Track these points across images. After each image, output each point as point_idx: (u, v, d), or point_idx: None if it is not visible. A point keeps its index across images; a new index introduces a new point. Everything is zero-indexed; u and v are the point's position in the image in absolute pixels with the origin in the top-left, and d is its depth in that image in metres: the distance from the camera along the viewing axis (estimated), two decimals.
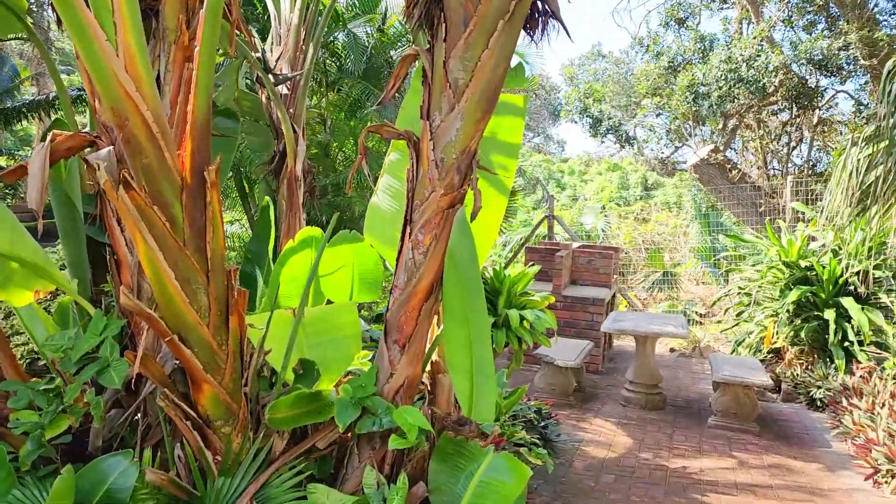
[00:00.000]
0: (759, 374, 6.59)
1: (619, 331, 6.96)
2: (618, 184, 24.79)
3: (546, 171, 26.91)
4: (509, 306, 5.25)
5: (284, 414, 2.61)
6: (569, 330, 8.75)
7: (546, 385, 7.19)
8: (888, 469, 4.92)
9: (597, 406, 7.22)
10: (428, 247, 2.76)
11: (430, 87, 2.82)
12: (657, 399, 7.19)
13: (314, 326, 2.83)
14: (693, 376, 8.68)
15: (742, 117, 10.86)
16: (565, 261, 8.96)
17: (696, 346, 9.93)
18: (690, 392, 7.94)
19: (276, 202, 3.97)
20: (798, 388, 7.57)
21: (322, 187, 8.27)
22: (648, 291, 13.38)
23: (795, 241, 8.14)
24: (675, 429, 6.53)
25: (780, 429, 6.63)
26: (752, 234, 8.78)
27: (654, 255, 13.46)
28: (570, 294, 8.81)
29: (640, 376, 7.20)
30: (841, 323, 7.50)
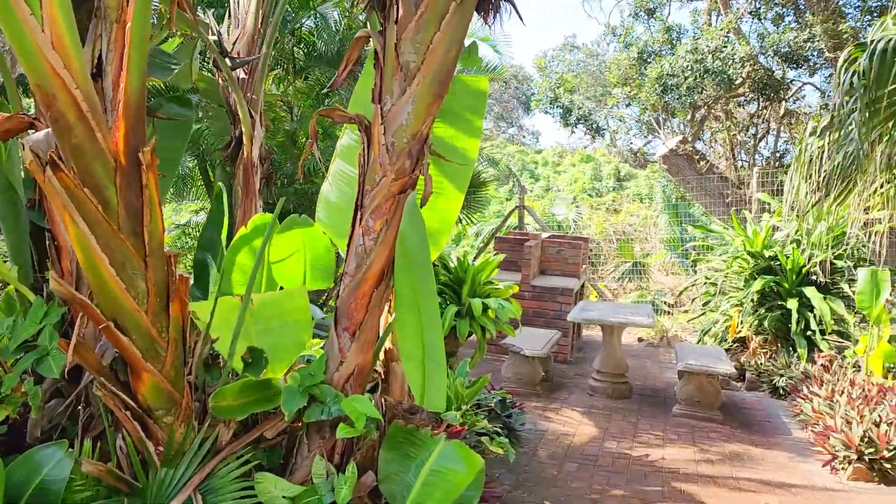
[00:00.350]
0: (722, 363, 6.65)
1: (585, 320, 6.98)
2: (590, 175, 24.87)
3: (520, 162, 26.93)
4: (473, 295, 5.23)
5: (230, 402, 2.55)
6: (537, 320, 8.76)
7: (513, 374, 7.19)
8: (845, 455, 4.99)
9: (564, 395, 7.24)
10: (378, 233, 2.71)
11: (381, 70, 2.76)
12: (623, 388, 7.22)
13: (263, 313, 2.77)
14: (660, 365, 8.75)
15: (710, 109, 10.94)
16: (534, 251, 8.96)
17: (664, 335, 10.02)
18: (657, 381, 8.00)
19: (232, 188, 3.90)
20: (761, 376, 7.66)
21: (291, 175, 8.16)
22: (619, 282, 13.47)
23: (760, 232, 8.22)
24: (641, 417, 6.57)
25: (742, 417, 6.71)
26: (719, 224, 8.85)
27: (624, 246, 13.55)
28: (539, 284, 8.82)
29: (606, 366, 7.23)
30: (803, 312, 7.59)
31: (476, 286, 5.25)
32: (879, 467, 4.89)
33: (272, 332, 2.81)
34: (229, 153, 3.98)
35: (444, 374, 2.67)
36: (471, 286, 5.23)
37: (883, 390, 5.76)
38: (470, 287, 5.22)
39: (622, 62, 11.61)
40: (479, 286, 5.25)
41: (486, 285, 5.29)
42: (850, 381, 6.17)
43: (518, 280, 8.86)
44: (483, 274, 5.27)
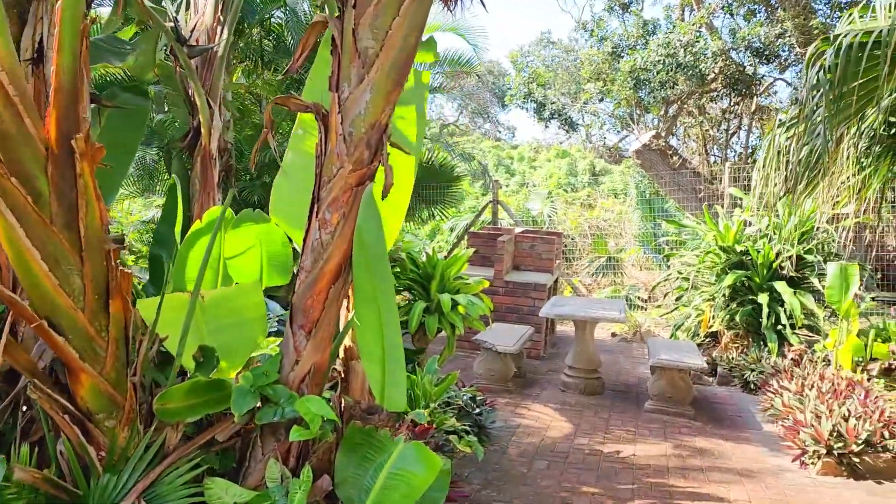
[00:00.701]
0: (694, 358, 6.64)
1: (557, 316, 6.92)
2: (566, 170, 24.93)
3: (495, 158, 26.88)
4: (443, 291, 5.13)
5: (178, 404, 2.43)
6: (511, 315, 8.70)
7: (485, 371, 7.11)
8: (815, 450, 4.98)
9: (536, 391, 7.18)
10: (335, 226, 2.60)
11: (339, 56, 2.65)
12: (596, 384, 7.19)
13: (215, 310, 2.65)
14: (633, 361, 8.74)
15: (683, 104, 10.96)
16: (507, 246, 8.89)
17: (638, 330, 10.01)
18: (630, 376, 7.98)
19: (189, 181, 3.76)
20: (733, 371, 7.67)
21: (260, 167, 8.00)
22: (593, 277, 13.46)
23: (732, 227, 8.23)
24: (612, 413, 6.53)
25: (714, 412, 6.70)
26: (691, 219, 8.86)
27: (598, 241, 13.54)
28: (512, 279, 8.75)
29: (579, 361, 7.18)
30: (774, 307, 7.61)
31: (445, 282, 5.16)
32: (848, 461, 4.89)
33: (225, 330, 2.69)
34: (186, 144, 3.84)
35: (404, 373, 2.57)
36: (440, 282, 5.13)
37: (852, 384, 5.78)
38: (439, 283, 5.12)
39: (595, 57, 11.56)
40: (448, 282, 5.16)
41: (455, 281, 5.20)
42: (820, 376, 6.18)
43: (491, 276, 8.79)
44: (452, 269, 5.18)
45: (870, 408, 5.14)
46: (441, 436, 4.45)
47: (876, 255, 9.54)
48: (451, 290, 5.14)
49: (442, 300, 4.88)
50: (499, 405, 6.51)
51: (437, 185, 11.60)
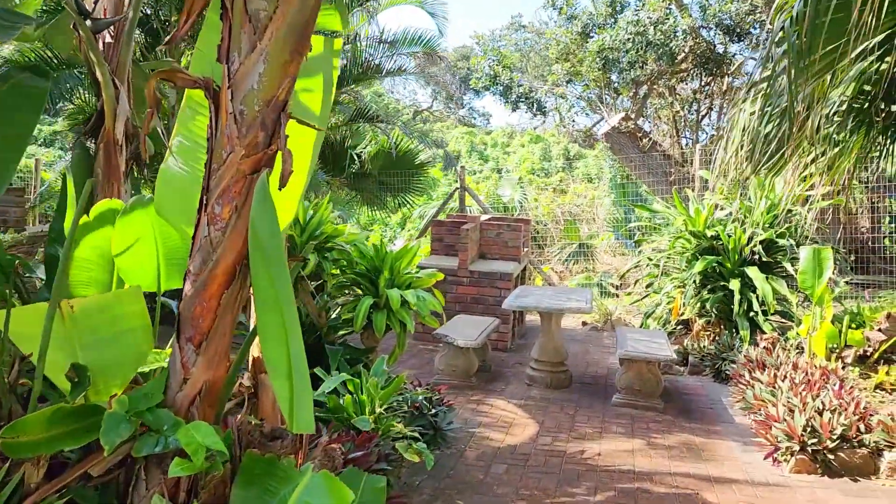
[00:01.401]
0: (663, 349, 6.35)
1: (520, 307, 6.59)
2: (540, 156, 24.59)
3: (468, 144, 26.49)
4: (392, 286, 4.77)
5: (35, 437, 2.05)
6: (476, 307, 8.37)
7: (447, 366, 6.78)
8: (787, 447, 4.71)
9: (501, 386, 6.87)
10: (227, 221, 2.22)
11: (229, 21, 2.26)
12: (562, 377, 6.89)
13: (88, 321, 2.26)
14: (603, 351, 8.46)
15: (653, 85, 10.64)
16: (472, 234, 8.54)
17: (608, 318, 9.74)
18: (599, 367, 7.69)
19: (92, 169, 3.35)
20: (704, 360, 7.42)
21: None
22: (565, 264, 13.18)
23: (702, 211, 7.95)
24: (579, 408, 6.23)
25: (684, 404, 6.43)
26: (661, 204, 8.57)
27: (570, 227, 13.25)
28: (478, 269, 8.41)
29: (544, 354, 6.87)
30: (746, 293, 7.36)
31: (395, 276, 4.79)
32: (823, 458, 4.63)
33: (102, 345, 2.30)
34: (89, 129, 3.42)
35: (310, 388, 2.20)
36: (389, 276, 4.76)
37: (826, 374, 5.52)
38: (388, 277, 4.75)
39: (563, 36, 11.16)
40: (398, 276, 4.79)
41: (406, 275, 4.83)
42: (793, 365, 5.93)
43: (455, 266, 8.45)
44: (402, 262, 4.81)
45: (845, 399, 4.88)
46: (387, 443, 4.10)
47: (850, 236, 9.33)
48: (402, 284, 4.78)
49: (390, 296, 4.51)
50: (460, 403, 6.19)
51: (401, 173, 11.22)
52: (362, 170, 10.94)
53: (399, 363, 7.54)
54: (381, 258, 4.80)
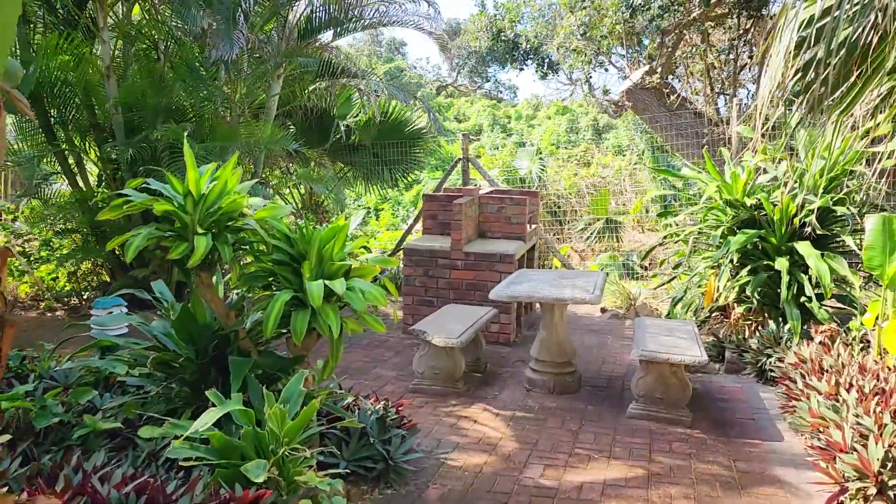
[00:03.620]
0: (692, 345, 5.09)
1: (510, 297, 5.37)
2: (566, 127, 23.12)
3: (490, 117, 25.10)
4: (321, 276, 3.59)
5: None
6: (473, 294, 7.17)
7: (427, 369, 5.61)
8: (859, 488, 3.43)
9: (493, 392, 5.68)
10: None
11: None
12: (569, 380, 5.67)
13: None
14: (623, 344, 7.19)
15: (682, 33, 9.21)
16: (468, 209, 7.31)
17: (632, 304, 8.44)
18: (616, 365, 6.44)
19: None
20: (744, 355, 6.12)
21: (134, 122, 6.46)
22: (587, 242, 11.87)
23: (741, 175, 6.59)
24: (585, 422, 5.02)
25: (718, 414, 5.16)
26: (690, 169, 7.22)
27: (596, 201, 11.92)
28: (474, 250, 7.20)
29: (546, 352, 5.66)
30: (795, 273, 6.02)
31: (324, 264, 3.62)
32: None
33: None
34: None
35: None
36: (316, 264, 3.59)
37: None
38: (315, 265, 3.58)
39: None
40: (328, 263, 3.62)
41: (340, 262, 3.65)
42: (860, 367, 4.62)
43: (449, 245, 7.25)
44: (335, 246, 3.64)
45: None
46: (293, 498, 2.96)
47: None
48: (334, 274, 3.60)
49: (309, 289, 3.34)
50: (437, 417, 5.03)
51: (395, 144, 10.03)
52: (351, 141, 9.77)
53: (378, 363, 6.41)
54: (308, 241, 3.63)
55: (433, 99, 28.30)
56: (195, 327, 3.54)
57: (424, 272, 7.36)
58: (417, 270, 7.40)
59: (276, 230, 3.63)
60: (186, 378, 3.57)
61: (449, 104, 28.59)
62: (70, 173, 7.00)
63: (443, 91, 35.09)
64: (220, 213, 3.39)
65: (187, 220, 3.36)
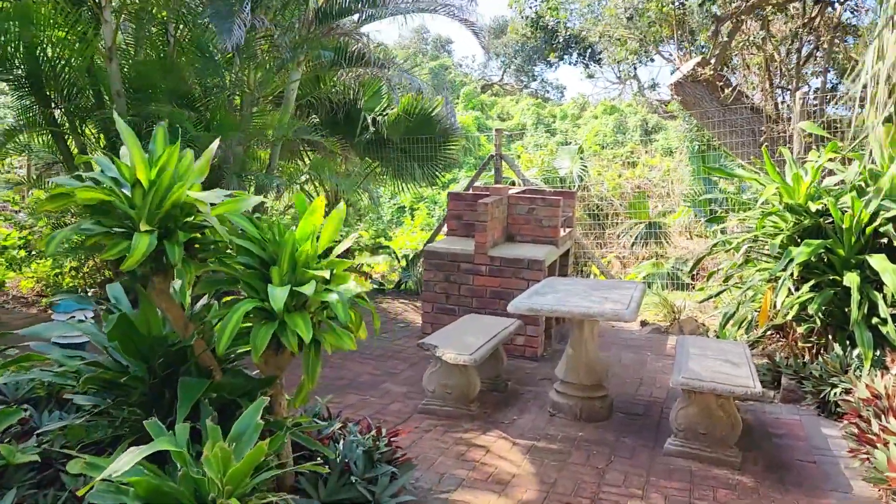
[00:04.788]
0: (743, 372, 4.35)
1: (531, 310, 4.70)
2: (613, 127, 22.21)
3: (534, 116, 24.33)
4: (292, 282, 3.01)
5: None
6: (496, 302, 6.53)
7: (438, 387, 5.00)
8: None
9: (512, 416, 5.03)
10: None
11: None
12: (598, 406, 4.98)
13: None
14: (664, 363, 6.45)
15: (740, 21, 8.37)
16: (494, 210, 6.67)
17: (676, 318, 7.67)
18: (655, 388, 5.72)
19: None
20: (804, 383, 5.33)
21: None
22: (630, 248, 11.08)
23: (804, 177, 5.78)
24: (615, 457, 4.33)
25: (773, 454, 4.41)
26: (746, 169, 6.43)
27: (637, 204, 11.12)
28: (500, 254, 6.56)
29: (573, 373, 4.98)
30: (868, 291, 5.19)
31: (297, 269, 3.03)
32: None
33: None
34: None
35: None
36: (288, 268, 3.01)
37: None
38: (286, 270, 3.00)
39: None
40: (301, 267, 3.03)
41: (316, 267, 3.06)
42: None
43: (472, 249, 6.62)
44: (308, 247, 3.05)
45: None
46: None
47: None
48: (303, 279, 3.01)
49: (272, 295, 2.76)
50: (445, 445, 4.41)
51: (425, 140, 9.44)
52: (379, 135, 9.22)
53: (388, 377, 5.82)
54: (279, 242, 3.04)
55: (477, 97, 27.68)
56: (143, 340, 3.00)
57: (445, 277, 6.75)
58: (438, 275, 6.79)
59: (243, 228, 3.06)
60: (134, 400, 3.03)
61: (493, 102, 27.92)
62: (71, 161, 6.61)
63: (488, 90, 34.43)
64: (168, 205, 2.83)
65: (132, 213, 2.81)
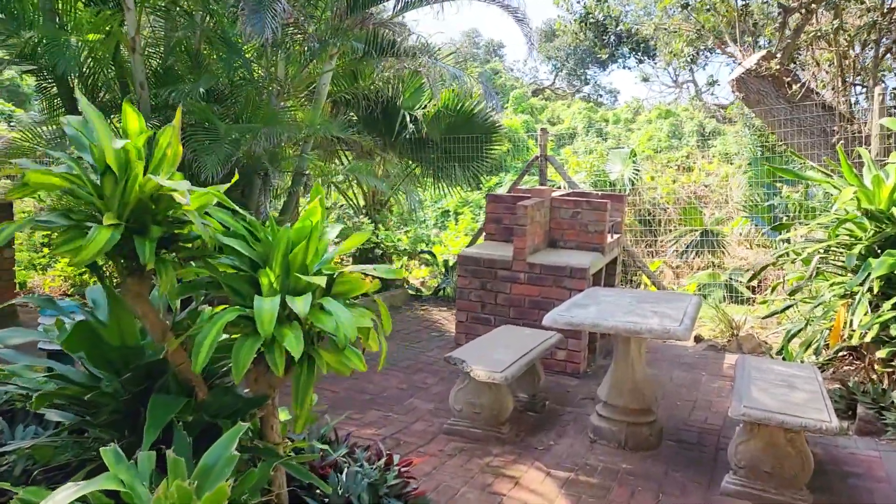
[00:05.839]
0: (814, 401, 3.77)
1: (569, 324, 4.19)
2: (668, 132, 21.36)
3: (585, 120, 23.63)
4: (286, 289, 2.59)
5: None
6: (537, 313, 6.01)
7: (466, 406, 4.54)
8: None
9: (548, 440, 4.53)
10: None
11: None
12: (645, 432, 4.43)
13: None
14: (721, 384, 5.84)
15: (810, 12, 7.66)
16: (534, 213, 6.17)
17: (734, 334, 7.01)
18: (710, 414, 5.13)
19: None
20: (884, 414, 4.68)
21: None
22: (682, 257, 10.40)
23: (886, 179, 5.11)
24: (662, 495, 3.79)
25: (849, 496, 3.80)
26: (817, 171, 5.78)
27: (690, 211, 10.45)
28: (540, 261, 6.06)
29: (618, 395, 4.45)
30: None
31: (291, 275, 2.61)
32: None
33: None
34: None
35: None
36: (280, 274, 2.59)
37: None
38: (277, 276, 2.58)
39: None
40: (293, 278, 2.60)
41: (315, 275, 2.63)
42: None
43: (510, 255, 6.14)
44: (306, 251, 2.63)
45: None
46: None
47: None
48: (299, 288, 2.59)
49: (258, 309, 2.35)
50: (469, 473, 3.94)
51: (467, 139, 9.00)
52: (419, 135, 8.82)
53: (416, 391, 5.38)
54: (272, 244, 2.63)
55: (526, 100, 27.12)
56: (113, 350, 2.63)
57: (481, 285, 6.29)
58: (473, 282, 6.33)
59: (230, 225, 2.66)
60: (103, 419, 2.66)
61: (543, 106, 27.31)
62: None
63: (539, 94, 33.81)
64: (133, 196, 2.44)
65: (100, 204, 2.44)
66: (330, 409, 4.87)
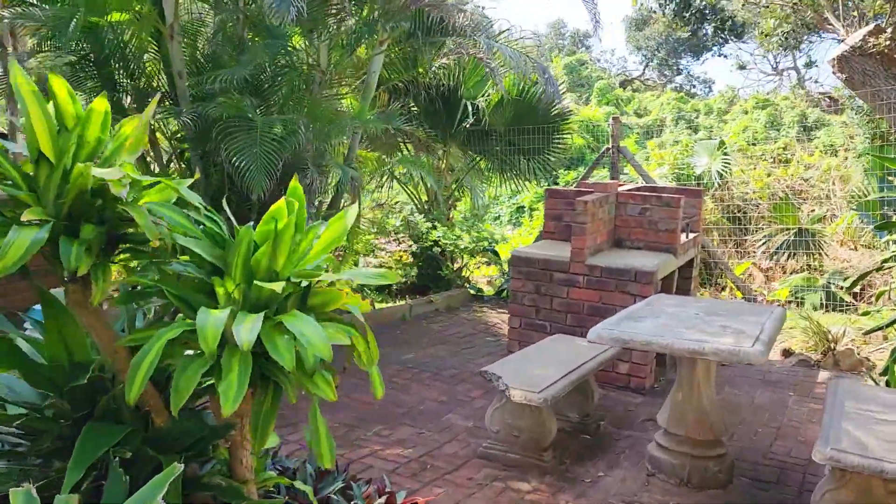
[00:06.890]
0: None
1: (616, 341, 3.57)
2: (765, 123, 19.85)
3: (675, 111, 22.33)
4: (248, 300, 2.17)
5: None
6: (596, 321, 5.37)
7: (504, 428, 4.02)
8: None
9: (597, 471, 3.94)
10: None
11: None
12: (713, 468, 3.77)
13: None
14: (811, 408, 5.04)
15: None
16: (594, 209, 5.55)
17: (830, 349, 6.13)
18: (797, 443, 4.39)
19: None
20: None
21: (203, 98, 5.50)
22: (774, 258, 9.42)
23: None
24: None
25: None
26: None
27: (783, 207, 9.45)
28: (601, 263, 5.44)
29: (680, 423, 3.81)
30: None
31: (254, 284, 2.17)
32: None
33: None
34: None
35: None
36: (245, 281, 2.17)
37: None
38: (243, 282, 2.16)
39: None
40: (256, 284, 2.17)
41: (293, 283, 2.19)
42: None
43: (567, 256, 5.55)
44: (272, 253, 2.19)
45: None
46: None
47: None
48: (269, 299, 2.15)
49: (200, 327, 1.94)
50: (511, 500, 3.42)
51: (535, 130, 8.42)
52: (480, 126, 8.31)
53: (456, 405, 4.90)
54: (233, 244, 2.21)
55: (611, 91, 26.01)
56: (48, 370, 2.28)
57: (536, 288, 5.73)
58: (527, 285, 5.78)
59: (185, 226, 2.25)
60: (45, 446, 2.32)
61: (629, 97, 26.11)
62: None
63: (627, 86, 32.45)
64: (74, 188, 2.07)
65: (29, 199, 2.09)
66: (359, 423, 4.46)
